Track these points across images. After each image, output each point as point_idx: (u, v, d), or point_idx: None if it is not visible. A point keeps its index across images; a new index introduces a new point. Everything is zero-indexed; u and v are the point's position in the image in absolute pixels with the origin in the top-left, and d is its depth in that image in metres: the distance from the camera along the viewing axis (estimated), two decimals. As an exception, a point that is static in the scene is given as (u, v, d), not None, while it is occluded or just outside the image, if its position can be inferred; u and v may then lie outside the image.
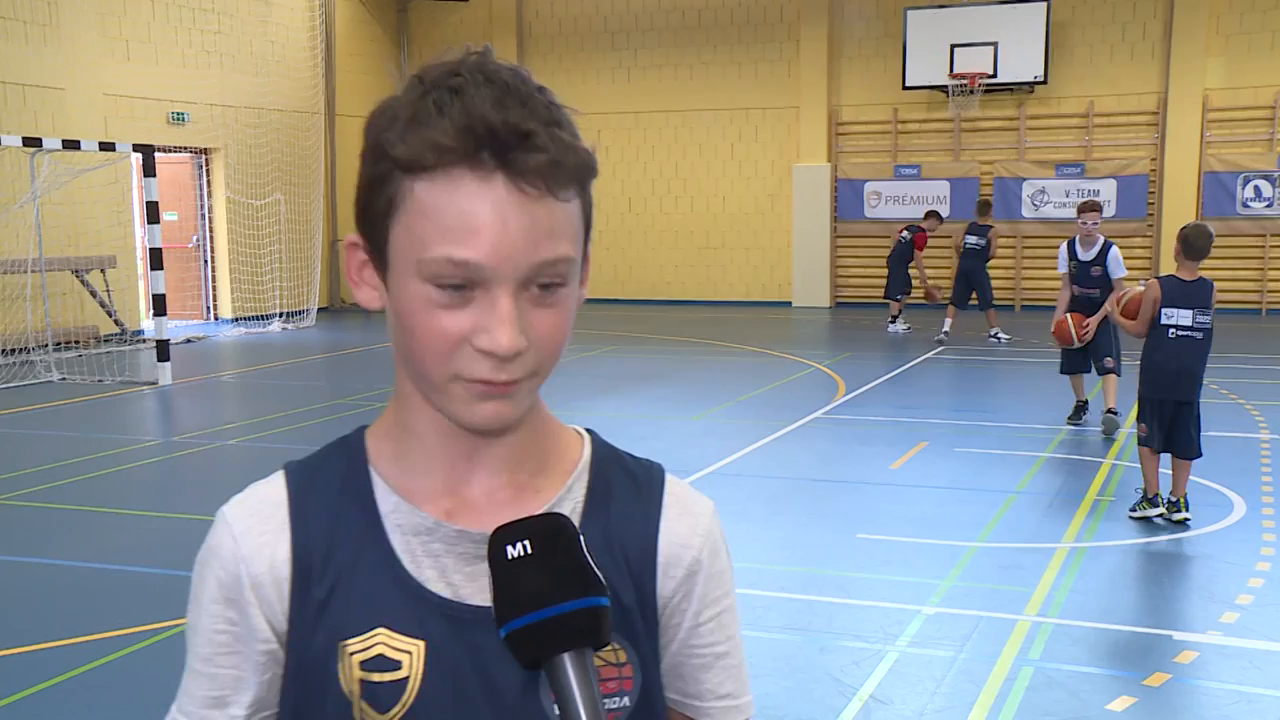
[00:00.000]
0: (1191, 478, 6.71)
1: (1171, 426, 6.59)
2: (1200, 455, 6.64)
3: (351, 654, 1.06)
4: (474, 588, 1.08)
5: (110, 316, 15.32)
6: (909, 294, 15.85)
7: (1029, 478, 7.82)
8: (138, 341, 15.12)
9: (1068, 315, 9.06)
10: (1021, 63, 17.76)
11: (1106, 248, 9.06)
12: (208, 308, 18.15)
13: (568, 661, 0.95)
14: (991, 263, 14.77)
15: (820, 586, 5.74)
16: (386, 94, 1.05)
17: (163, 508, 7.40)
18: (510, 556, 0.96)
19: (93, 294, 15.07)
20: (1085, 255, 9.08)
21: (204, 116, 17.18)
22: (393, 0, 21.23)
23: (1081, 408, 9.47)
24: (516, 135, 0.97)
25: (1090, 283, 9.04)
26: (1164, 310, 6.54)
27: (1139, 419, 6.72)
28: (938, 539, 6.46)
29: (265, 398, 11.48)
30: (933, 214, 15.95)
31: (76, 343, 14.36)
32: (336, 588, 1.07)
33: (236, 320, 17.59)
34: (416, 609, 1.07)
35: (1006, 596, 5.53)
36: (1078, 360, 9.29)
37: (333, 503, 1.10)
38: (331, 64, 19.59)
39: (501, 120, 0.97)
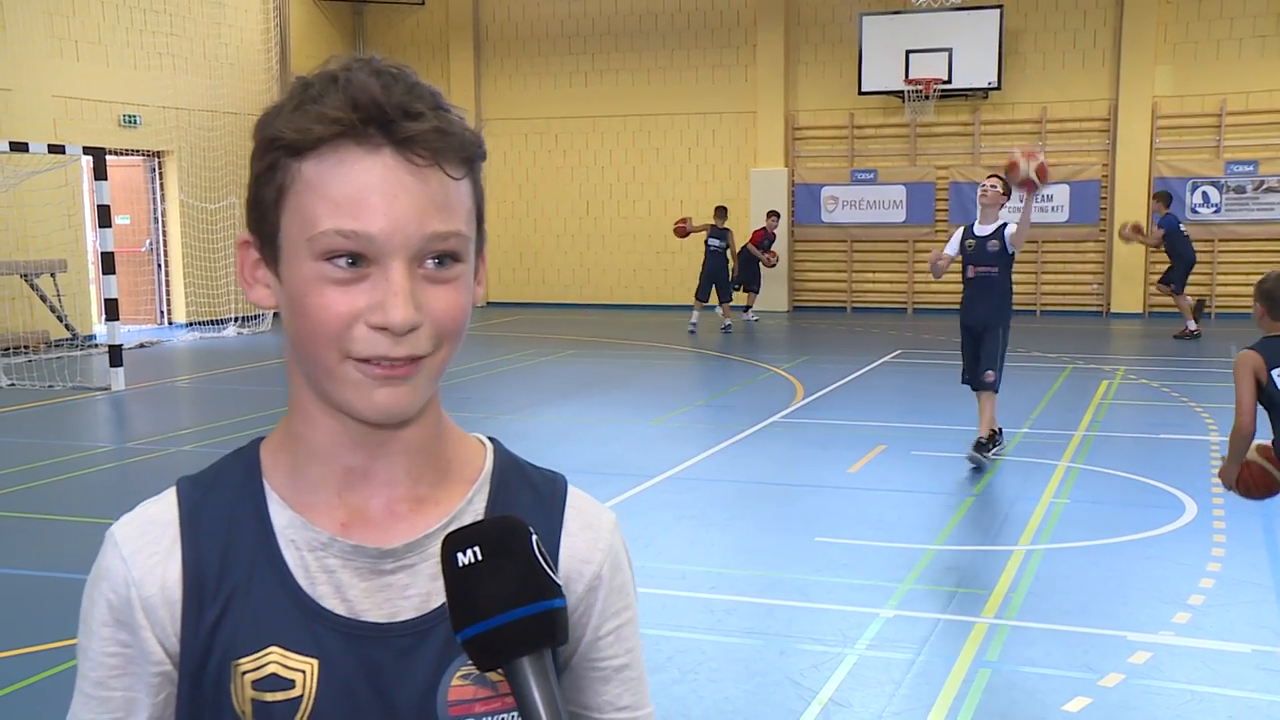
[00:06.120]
0: (1141, 479, 6.76)
1: None
2: None
3: (244, 673, 1.04)
4: (370, 604, 1.07)
5: (61, 321, 15.09)
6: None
7: (986, 480, 7.90)
8: (90, 347, 14.91)
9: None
10: (976, 69, 17.94)
11: (1003, 226, 8.24)
12: (161, 312, 17.93)
13: (527, 665, 0.94)
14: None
15: (779, 590, 5.76)
16: None
17: (117, 515, 7.23)
18: (460, 564, 0.95)
19: (43, 298, 14.84)
20: (982, 230, 8.26)
21: (156, 119, 16.98)
22: (348, 3, 21.10)
23: (995, 432, 8.53)
24: (401, 110, 0.98)
25: (988, 260, 8.24)
26: (1275, 373, 4.82)
27: None
28: (896, 542, 6.51)
29: (220, 403, 11.36)
30: (773, 214, 17.70)
31: (26, 348, 14.14)
32: (229, 606, 1.05)
33: (191, 325, 17.39)
34: (311, 626, 1.05)
35: (964, 599, 5.58)
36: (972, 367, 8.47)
37: (226, 520, 1.08)
38: (286, 67, 19.43)
39: (386, 97, 0.98)
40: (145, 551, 1.07)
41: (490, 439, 1.19)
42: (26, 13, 15.06)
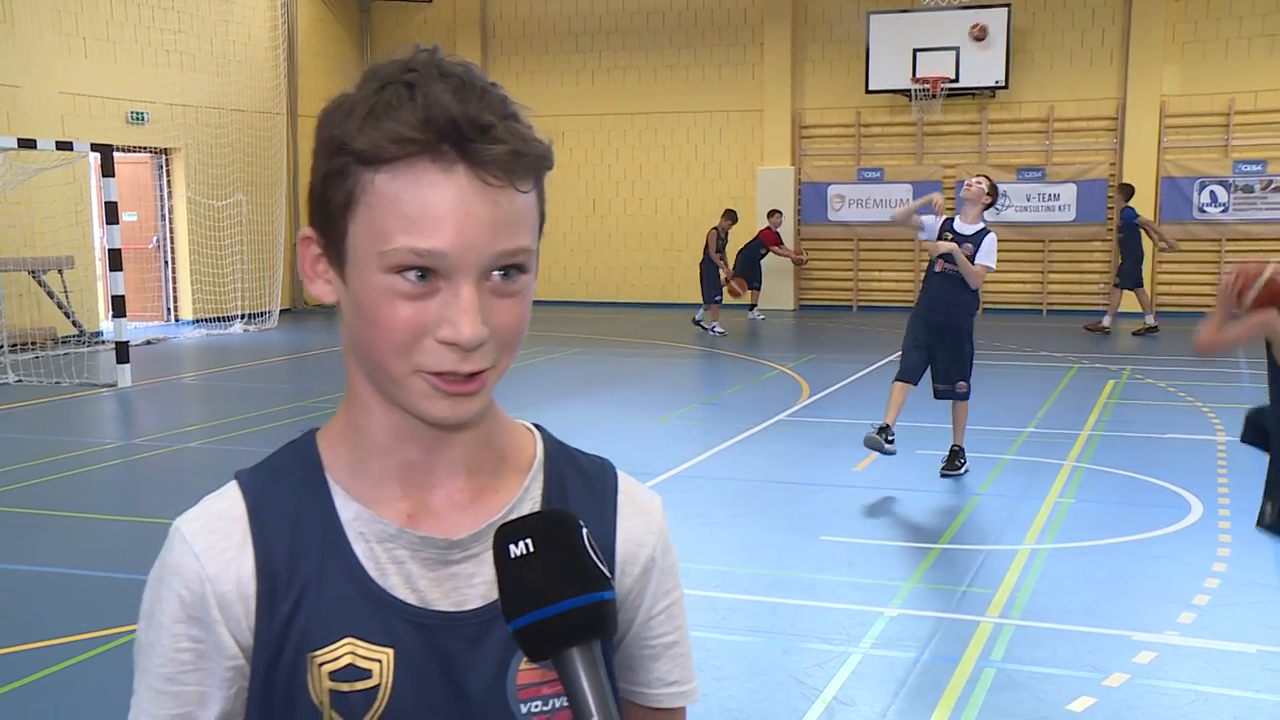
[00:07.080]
0: (1146, 479, 6.74)
1: None
2: None
3: (320, 665, 1.06)
4: (439, 593, 1.09)
5: (68, 318, 15.12)
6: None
7: (991, 479, 7.89)
8: (96, 343, 14.94)
9: None
10: (983, 68, 17.91)
11: (984, 233, 7.74)
12: (168, 309, 17.97)
13: (576, 656, 0.96)
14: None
15: (784, 589, 5.77)
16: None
17: (124, 511, 7.32)
18: (513, 555, 0.97)
19: (50, 295, 14.87)
20: (962, 228, 7.75)
21: (164, 116, 17.01)
22: (355, 0, 21.12)
23: (885, 430, 7.86)
24: (477, 127, 0.98)
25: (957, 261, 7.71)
26: None
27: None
28: (901, 541, 6.51)
29: (227, 400, 11.38)
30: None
31: (33, 344, 14.17)
32: (302, 599, 1.07)
33: (197, 322, 17.41)
34: (384, 617, 1.07)
35: (968, 598, 5.57)
36: (917, 365, 7.97)
37: (292, 513, 1.09)
38: (294, 64, 19.46)
39: (462, 112, 0.97)
40: (218, 547, 1.07)
41: (537, 426, 1.22)
42: (35, 10, 15.08)
